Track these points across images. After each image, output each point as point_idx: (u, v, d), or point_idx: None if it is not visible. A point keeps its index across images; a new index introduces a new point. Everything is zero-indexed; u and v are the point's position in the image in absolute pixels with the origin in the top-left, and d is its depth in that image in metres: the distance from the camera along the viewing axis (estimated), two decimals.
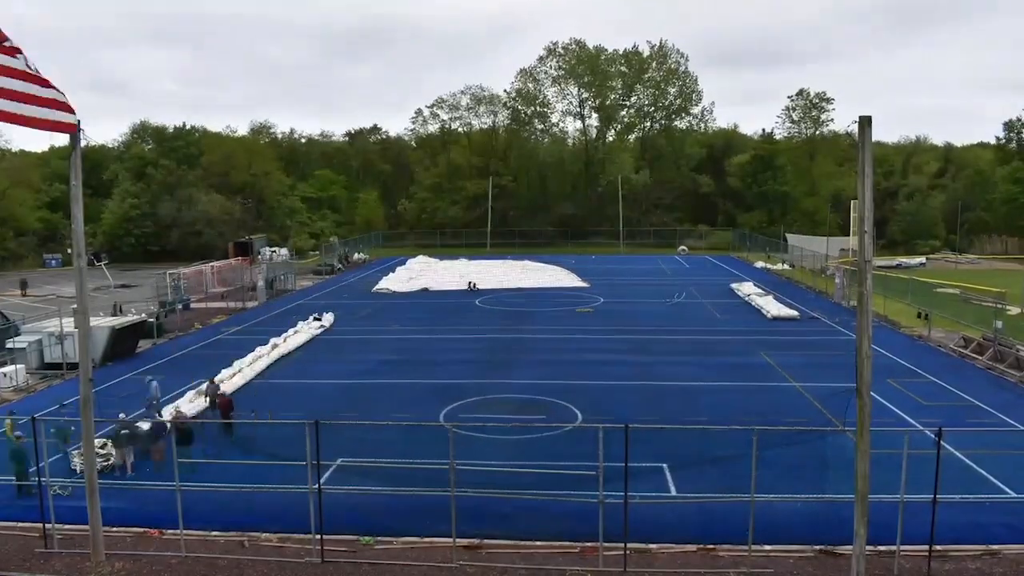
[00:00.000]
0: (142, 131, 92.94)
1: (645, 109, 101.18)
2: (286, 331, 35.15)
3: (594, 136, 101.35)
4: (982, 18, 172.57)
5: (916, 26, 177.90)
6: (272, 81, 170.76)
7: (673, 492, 16.65)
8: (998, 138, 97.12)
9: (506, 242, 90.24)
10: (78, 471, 17.16)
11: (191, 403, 23.42)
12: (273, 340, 32.75)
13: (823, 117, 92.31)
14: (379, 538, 14.60)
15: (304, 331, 35.54)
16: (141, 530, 15.13)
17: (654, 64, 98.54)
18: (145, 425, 19.10)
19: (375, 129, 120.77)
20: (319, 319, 38.09)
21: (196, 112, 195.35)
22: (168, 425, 18.39)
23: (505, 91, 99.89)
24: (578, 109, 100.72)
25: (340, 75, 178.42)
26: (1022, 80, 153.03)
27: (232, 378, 26.44)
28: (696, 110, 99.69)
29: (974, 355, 29.75)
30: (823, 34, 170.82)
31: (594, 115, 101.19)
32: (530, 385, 26.06)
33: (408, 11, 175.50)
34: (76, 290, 13.75)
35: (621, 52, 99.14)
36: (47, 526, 14.37)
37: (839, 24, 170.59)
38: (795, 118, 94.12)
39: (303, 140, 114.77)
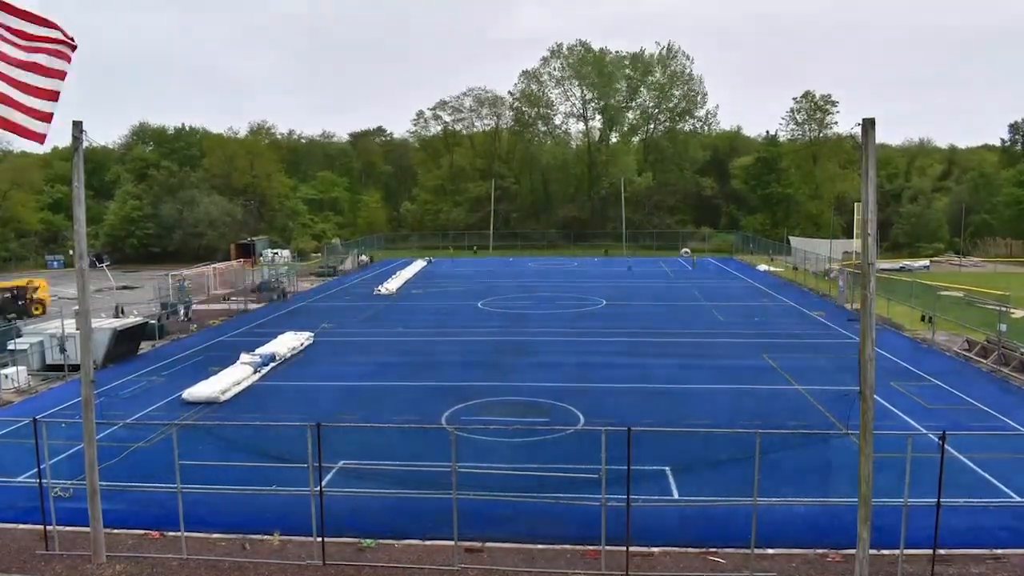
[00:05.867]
0: (142, 132, 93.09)
1: (649, 111, 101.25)
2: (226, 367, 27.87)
3: (597, 138, 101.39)
4: (985, 17, 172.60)
5: (920, 23, 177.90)
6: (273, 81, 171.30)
7: (675, 495, 16.58)
8: (1003, 140, 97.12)
9: (508, 244, 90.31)
10: None
11: None
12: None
13: (827, 119, 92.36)
14: (381, 540, 14.56)
15: (244, 370, 27.51)
16: (142, 532, 15.10)
17: (659, 66, 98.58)
18: None
19: (378, 130, 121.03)
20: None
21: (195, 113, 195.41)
22: None
23: (509, 92, 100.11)
24: (581, 111, 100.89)
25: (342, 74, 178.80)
26: None
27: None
28: (701, 112, 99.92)
29: (978, 358, 29.66)
30: (826, 33, 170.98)
31: (598, 117, 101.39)
32: (532, 387, 26.01)
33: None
34: (78, 291, 13.74)
35: (627, 54, 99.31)
36: (48, 528, 14.34)
37: (842, 23, 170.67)
38: (799, 120, 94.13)
39: (304, 141, 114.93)
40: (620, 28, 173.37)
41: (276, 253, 69.61)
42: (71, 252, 67.83)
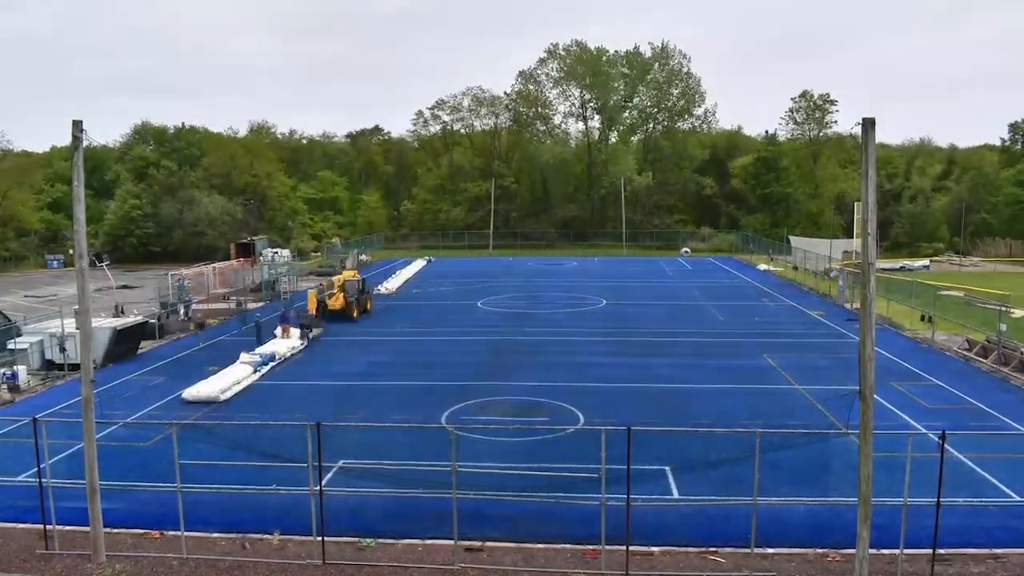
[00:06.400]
0: (143, 132, 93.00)
1: (648, 111, 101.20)
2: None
3: (596, 138, 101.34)
4: (985, 17, 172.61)
5: (919, 23, 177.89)
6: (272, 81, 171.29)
7: (675, 495, 16.59)
8: (1003, 139, 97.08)
9: (508, 243, 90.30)
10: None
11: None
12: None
13: (827, 119, 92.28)
14: (380, 540, 14.56)
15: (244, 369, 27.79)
16: (142, 531, 15.11)
17: (656, 65, 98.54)
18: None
19: (377, 130, 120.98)
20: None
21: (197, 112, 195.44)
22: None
23: (506, 93, 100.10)
24: (580, 111, 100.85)
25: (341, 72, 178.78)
26: None
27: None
28: (699, 111, 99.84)
29: (978, 358, 29.67)
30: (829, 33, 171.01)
31: (596, 117, 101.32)
32: (532, 387, 26.01)
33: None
34: (78, 291, 13.74)
35: (623, 53, 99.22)
36: (48, 527, 14.35)
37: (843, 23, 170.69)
38: (799, 119, 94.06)
39: (304, 141, 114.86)
40: (619, 25, 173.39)
41: (276, 252, 69.51)
42: (71, 251, 67.78)
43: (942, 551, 13.25)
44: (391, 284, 53.69)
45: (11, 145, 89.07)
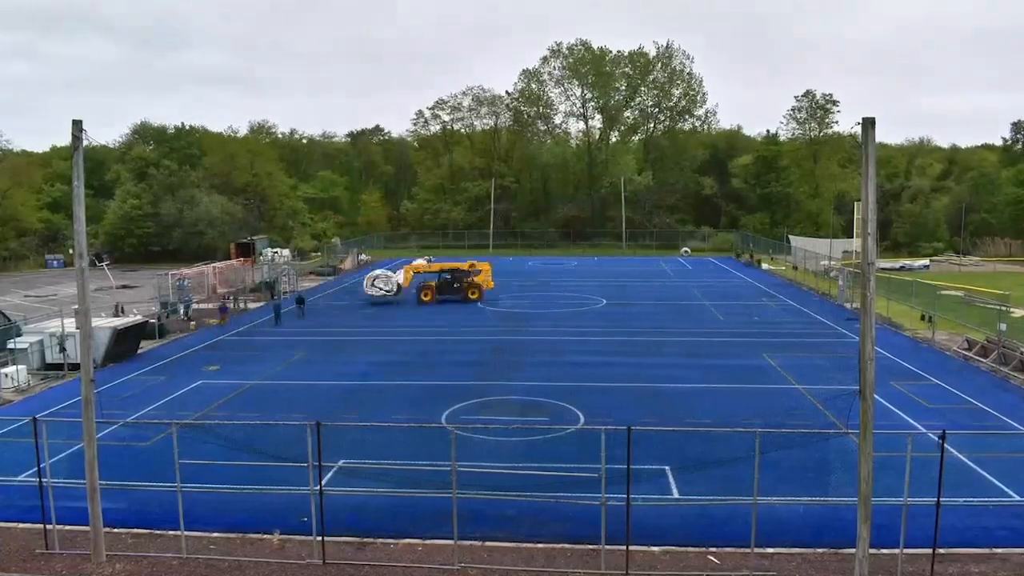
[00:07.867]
0: (143, 131, 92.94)
1: (649, 110, 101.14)
2: None
3: (597, 137, 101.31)
4: (986, 17, 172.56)
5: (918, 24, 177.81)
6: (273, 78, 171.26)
7: (675, 494, 16.59)
8: (1004, 139, 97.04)
9: (508, 243, 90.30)
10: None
11: None
12: None
13: (828, 119, 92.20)
14: (381, 540, 14.55)
15: None
16: (142, 531, 15.09)
17: (659, 65, 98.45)
18: None
19: (377, 130, 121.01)
20: None
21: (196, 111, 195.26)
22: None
23: (507, 92, 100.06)
24: (581, 110, 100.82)
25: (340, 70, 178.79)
26: None
27: None
28: (700, 112, 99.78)
29: (978, 358, 29.66)
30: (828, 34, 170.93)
31: (597, 116, 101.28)
32: (532, 387, 26.00)
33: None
34: (78, 291, 13.74)
35: (626, 53, 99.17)
36: (48, 527, 14.34)
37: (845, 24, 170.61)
38: (800, 119, 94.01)
39: (304, 140, 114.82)
40: (621, 26, 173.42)
41: (276, 252, 69.52)
42: (71, 251, 67.78)
43: (942, 550, 13.24)
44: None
45: (11, 145, 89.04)
